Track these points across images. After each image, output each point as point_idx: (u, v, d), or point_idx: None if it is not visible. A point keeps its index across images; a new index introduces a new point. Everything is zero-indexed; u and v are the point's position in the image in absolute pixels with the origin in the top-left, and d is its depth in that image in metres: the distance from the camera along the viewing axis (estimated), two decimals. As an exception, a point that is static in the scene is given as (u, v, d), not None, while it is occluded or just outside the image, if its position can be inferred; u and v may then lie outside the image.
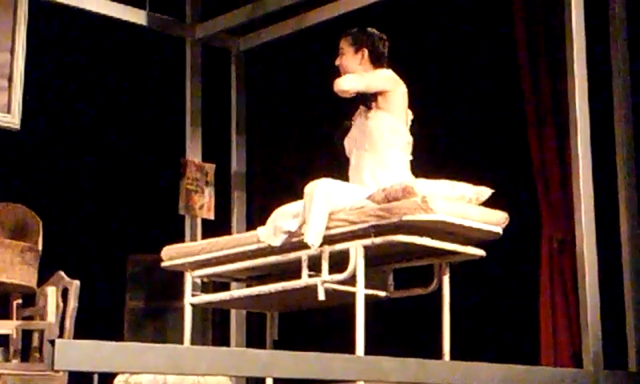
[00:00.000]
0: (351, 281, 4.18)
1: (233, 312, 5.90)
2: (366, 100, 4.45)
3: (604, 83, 4.74)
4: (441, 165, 4.74)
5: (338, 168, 4.58)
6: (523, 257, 5.15)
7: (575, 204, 4.34)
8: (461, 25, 5.63)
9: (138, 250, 6.17)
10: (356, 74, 4.47)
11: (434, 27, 5.72)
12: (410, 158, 4.48)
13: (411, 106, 4.55)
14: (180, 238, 5.73)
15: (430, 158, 4.63)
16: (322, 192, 4.25)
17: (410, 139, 4.48)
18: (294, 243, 4.35)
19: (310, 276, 4.28)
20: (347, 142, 4.57)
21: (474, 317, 5.13)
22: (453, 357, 4.32)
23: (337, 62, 4.58)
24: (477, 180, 4.34)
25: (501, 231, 4.33)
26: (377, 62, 4.53)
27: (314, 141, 6.13)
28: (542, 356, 4.91)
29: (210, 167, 5.95)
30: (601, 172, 4.48)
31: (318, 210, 4.21)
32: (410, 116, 4.55)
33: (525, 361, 4.31)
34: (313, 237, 4.21)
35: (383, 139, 4.40)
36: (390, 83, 4.45)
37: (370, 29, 4.59)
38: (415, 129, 4.55)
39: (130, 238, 6.28)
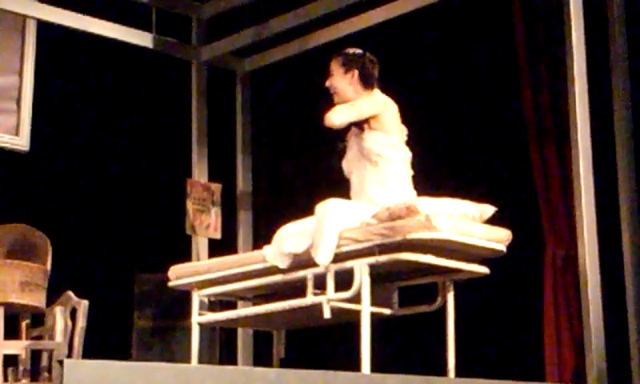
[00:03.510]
0: (356, 299, 4.21)
1: (239, 330, 5.93)
2: (359, 122, 4.49)
3: (604, 84, 4.78)
4: (442, 182, 4.77)
5: (344, 186, 4.62)
6: (527, 274, 5.17)
7: (577, 219, 4.37)
8: (459, 29, 5.66)
9: (145, 269, 6.20)
10: (346, 105, 4.49)
11: (432, 36, 5.76)
12: (411, 172, 4.52)
13: (411, 119, 4.59)
14: (187, 258, 5.76)
15: (431, 175, 4.66)
16: (332, 212, 4.29)
17: (410, 154, 4.52)
18: (300, 262, 4.39)
19: (315, 294, 4.31)
20: (345, 164, 4.60)
21: (479, 334, 5.15)
22: (458, 374, 4.34)
23: (327, 84, 4.61)
24: (479, 197, 4.38)
25: (504, 248, 4.37)
26: (366, 83, 4.56)
27: (320, 159, 6.17)
28: (546, 373, 4.92)
29: (216, 187, 5.99)
30: (602, 180, 4.51)
31: (329, 229, 4.25)
32: (405, 131, 4.58)
33: (529, 378, 4.34)
34: (324, 256, 4.25)
35: (382, 156, 4.44)
36: (379, 106, 4.49)
37: (360, 50, 4.63)
38: (415, 144, 4.58)
39: (138, 258, 6.31)
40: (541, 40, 5.19)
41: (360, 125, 4.49)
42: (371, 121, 4.46)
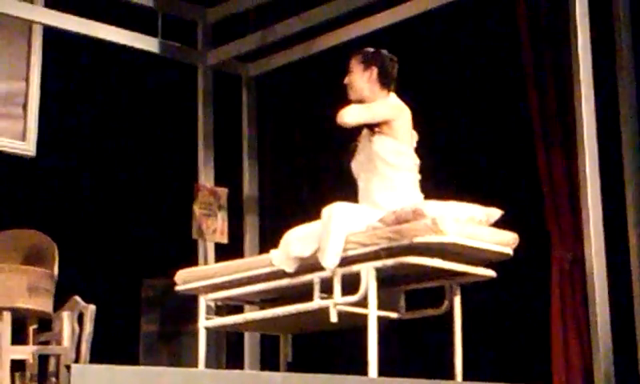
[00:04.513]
0: (363, 302, 4.21)
1: (246, 335, 5.93)
2: (371, 125, 4.48)
3: (609, 86, 4.78)
4: (448, 186, 4.77)
5: (350, 190, 4.62)
6: (533, 277, 5.17)
7: (584, 222, 4.37)
8: (464, 33, 5.66)
9: (152, 274, 6.21)
10: (361, 106, 4.48)
11: (437, 40, 5.76)
12: (419, 177, 4.52)
13: (417, 122, 4.59)
14: (193, 262, 5.77)
15: (437, 179, 4.66)
16: (339, 215, 4.29)
17: (418, 161, 4.51)
18: (306, 266, 4.39)
19: (322, 298, 4.32)
20: (354, 166, 4.60)
21: (486, 337, 5.14)
22: (465, 377, 4.34)
23: (345, 81, 4.61)
24: (485, 200, 4.37)
25: (511, 252, 4.36)
26: (385, 82, 4.55)
27: (325, 162, 6.18)
28: (554, 376, 4.92)
29: (223, 191, 6.00)
30: (608, 182, 4.51)
31: (336, 233, 4.25)
32: (415, 137, 4.58)
33: (537, 380, 4.33)
34: (331, 260, 4.25)
35: (388, 162, 4.44)
36: (393, 111, 4.48)
37: (380, 50, 4.63)
38: (421, 147, 4.58)
39: (145, 263, 6.32)
40: (546, 43, 5.19)
41: (371, 127, 4.48)
42: (382, 125, 4.45)
